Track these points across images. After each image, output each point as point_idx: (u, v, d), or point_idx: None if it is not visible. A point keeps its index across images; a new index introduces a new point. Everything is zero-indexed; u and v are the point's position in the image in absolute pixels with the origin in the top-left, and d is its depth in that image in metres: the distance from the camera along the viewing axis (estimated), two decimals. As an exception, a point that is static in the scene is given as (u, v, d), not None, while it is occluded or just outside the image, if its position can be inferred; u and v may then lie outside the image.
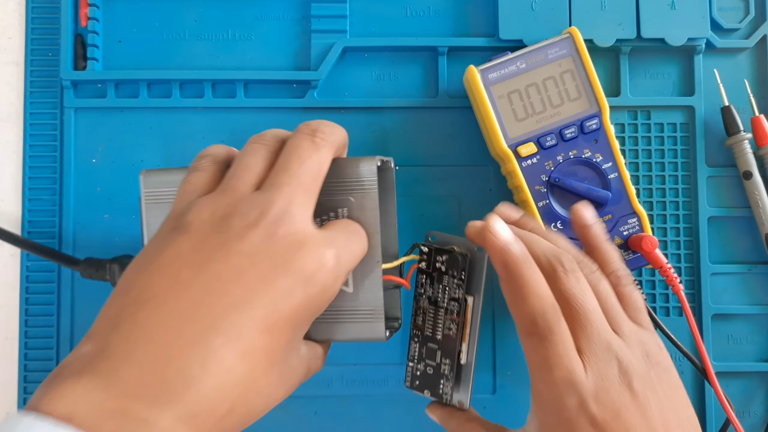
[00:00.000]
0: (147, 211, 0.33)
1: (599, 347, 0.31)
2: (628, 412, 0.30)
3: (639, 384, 0.31)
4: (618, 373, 0.31)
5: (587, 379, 0.30)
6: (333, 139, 0.30)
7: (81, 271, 0.40)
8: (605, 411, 0.30)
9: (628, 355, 0.31)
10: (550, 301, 0.31)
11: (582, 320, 0.31)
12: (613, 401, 0.30)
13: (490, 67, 0.39)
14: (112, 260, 0.40)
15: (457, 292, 0.35)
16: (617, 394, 0.30)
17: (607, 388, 0.30)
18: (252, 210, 0.27)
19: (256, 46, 0.43)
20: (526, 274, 0.31)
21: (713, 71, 0.43)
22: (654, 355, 0.32)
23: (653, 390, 0.31)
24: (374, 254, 0.31)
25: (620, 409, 0.30)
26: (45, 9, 0.43)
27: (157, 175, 0.33)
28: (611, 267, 0.34)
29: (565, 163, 0.39)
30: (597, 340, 0.31)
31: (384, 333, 0.32)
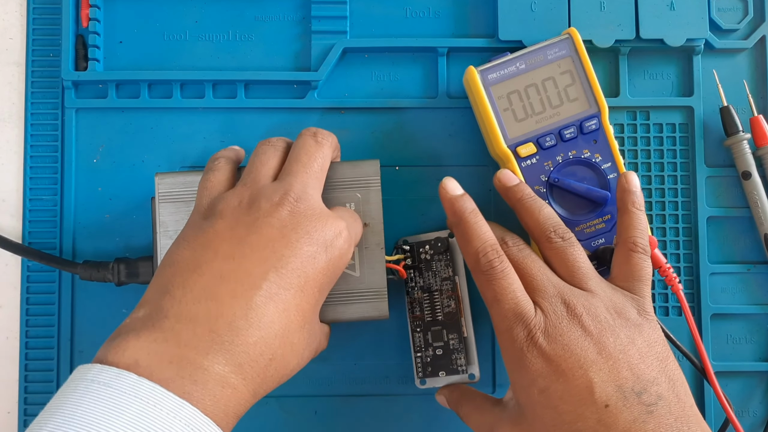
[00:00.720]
0: (160, 208, 0.37)
1: (547, 293, 0.33)
2: (579, 346, 0.32)
3: (592, 323, 0.32)
4: (567, 313, 0.33)
5: (538, 317, 0.33)
6: (331, 140, 0.36)
7: (80, 273, 0.40)
8: (555, 343, 0.32)
9: (581, 300, 0.33)
10: (491, 242, 0.35)
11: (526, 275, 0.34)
12: (562, 335, 0.32)
13: (489, 67, 0.39)
14: (114, 261, 0.40)
15: (447, 272, 0.40)
16: (567, 330, 0.32)
17: (556, 324, 0.32)
18: (275, 193, 0.32)
19: (257, 46, 0.43)
20: (470, 220, 0.35)
21: (712, 72, 0.43)
22: (621, 311, 0.33)
23: (613, 334, 0.32)
24: (378, 241, 0.37)
25: (570, 343, 0.32)
26: (46, 9, 0.43)
27: (171, 176, 0.37)
28: (631, 237, 0.36)
29: (564, 164, 0.39)
30: (543, 287, 0.34)
31: (387, 311, 0.36)
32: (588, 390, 0.31)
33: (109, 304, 0.42)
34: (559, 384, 0.31)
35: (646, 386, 0.31)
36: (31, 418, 0.41)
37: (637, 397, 0.31)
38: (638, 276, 0.35)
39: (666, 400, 0.31)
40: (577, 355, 0.31)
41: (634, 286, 0.35)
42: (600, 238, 0.39)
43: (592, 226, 0.39)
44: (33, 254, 0.40)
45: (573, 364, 0.31)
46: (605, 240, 0.39)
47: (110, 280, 0.40)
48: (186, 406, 0.26)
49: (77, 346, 0.42)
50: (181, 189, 0.37)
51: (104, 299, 0.42)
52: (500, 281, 0.33)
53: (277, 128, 0.43)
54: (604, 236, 0.39)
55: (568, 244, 0.35)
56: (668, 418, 0.31)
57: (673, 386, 0.32)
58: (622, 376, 0.31)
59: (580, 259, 0.35)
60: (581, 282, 0.34)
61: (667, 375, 0.32)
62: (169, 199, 0.37)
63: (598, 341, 0.32)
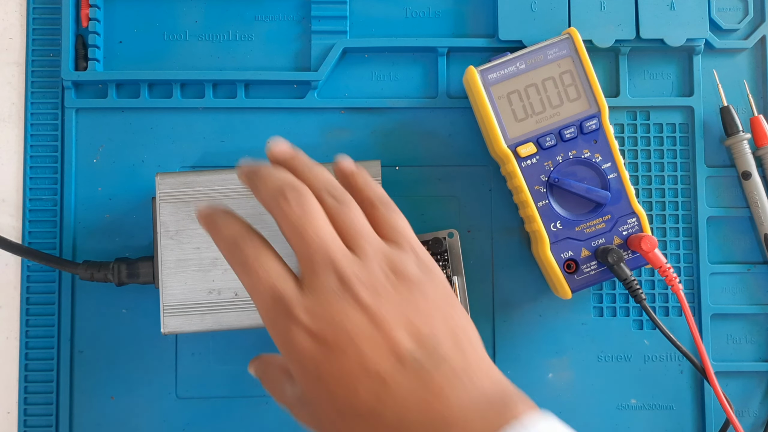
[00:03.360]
0: (161, 208, 0.37)
1: (318, 264, 0.30)
2: (349, 319, 0.29)
3: (366, 294, 0.30)
4: (337, 284, 0.30)
5: (300, 295, 0.30)
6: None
7: (81, 274, 0.40)
8: (321, 321, 0.29)
9: (355, 268, 0.30)
10: (239, 229, 0.32)
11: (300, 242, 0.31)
12: (329, 311, 0.29)
13: (489, 67, 0.39)
14: (114, 261, 0.40)
15: (446, 272, 0.40)
16: (336, 304, 0.29)
17: (323, 300, 0.30)
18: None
19: (257, 46, 0.43)
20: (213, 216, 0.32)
21: (712, 72, 0.43)
22: (401, 271, 0.31)
23: (390, 300, 0.30)
24: None
25: (340, 318, 0.29)
26: (46, 9, 0.43)
27: (172, 176, 0.37)
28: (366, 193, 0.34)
29: (564, 164, 0.39)
30: (315, 255, 0.30)
31: None
32: (362, 366, 0.29)
33: (109, 304, 0.42)
34: (331, 365, 0.29)
35: (425, 348, 0.30)
36: (30, 419, 0.41)
37: (416, 362, 0.29)
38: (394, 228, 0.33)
39: (447, 359, 0.30)
40: (348, 330, 0.29)
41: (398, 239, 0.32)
42: (600, 238, 0.39)
43: (592, 226, 0.39)
44: (33, 255, 0.40)
45: (344, 339, 0.29)
46: (605, 240, 0.39)
47: (111, 280, 0.40)
48: None
49: (77, 347, 0.42)
50: (182, 189, 0.37)
51: (104, 299, 0.42)
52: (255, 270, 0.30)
53: (277, 128, 0.43)
54: (604, 236, 0.39)
55: (342, 204, 0.32)
56: (449, 377, 0.29)
57: (457, 342, 0.30)
58: (399, 342, 0.29)
59: (356, 219, 0.32)
60: (356, 244, 0.31)
61: (450, 331, 0.31)
62: (170, 200, 0.37)
63: (371, 309, 0.29)
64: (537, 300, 0.42)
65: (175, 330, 0.37)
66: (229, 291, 0.37)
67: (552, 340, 0.42)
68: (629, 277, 0.38)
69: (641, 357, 0.42)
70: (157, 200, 0.37)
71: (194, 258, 0.37)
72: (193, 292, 0.37)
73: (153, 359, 0.41)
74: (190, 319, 0.37)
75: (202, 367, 0.42)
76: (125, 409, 0.41)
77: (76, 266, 0.40)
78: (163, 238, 0.37)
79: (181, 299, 0.37)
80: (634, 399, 0.42)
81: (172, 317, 0.37)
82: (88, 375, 0.41)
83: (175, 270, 0.37)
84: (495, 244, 0.43)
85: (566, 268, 0.39)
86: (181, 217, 0.37)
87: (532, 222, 0.39)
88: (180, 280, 0.37)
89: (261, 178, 0.33)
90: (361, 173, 0.35)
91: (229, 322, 0.37)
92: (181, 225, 0.37)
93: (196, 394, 0.42)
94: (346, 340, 0.29)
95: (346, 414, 0.30)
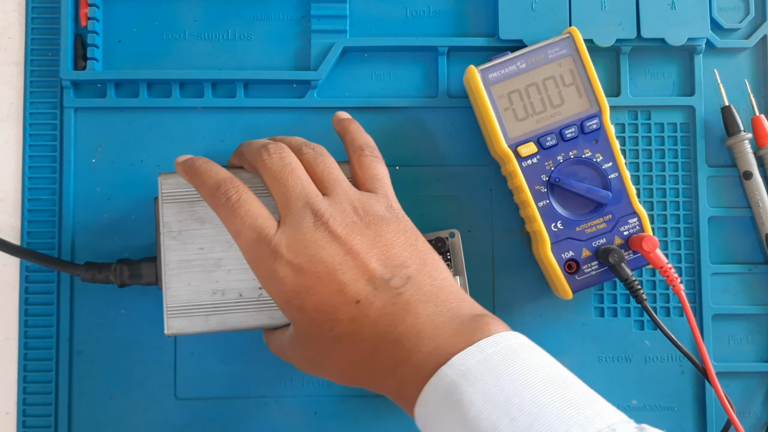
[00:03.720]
0: (164, 209, 0.37)
1: (296, 206, 0.33)
2: (326, 252, 0.32)
3: (338, 227, 0.33)
4: (313, 222, 0.33)
5: (280, 233, 0.33)
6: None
7: (82, 275, 0.40)
8: (301, 255, 0.32)
9: (328, 207, 0.33)
10: (224, 175, 0.34)
11: (281, 188, 0.34)
12: (307, 246, 0.32)
13: (490, 67, 0.39)
14: (116, 263, 0.40)
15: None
16: (312, 240, 0.32)
17: (301, 237, 0.32)
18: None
19: (256, 45, 0.43)
20: (196, 164, 0.35)
21: (713, 71, 0.43)
22: (368, 209, 0.34)
23: (359, 232, 0.33)
24: None
25: (317, 251, 0.32)
26: (45, 9, 0.43)
27: (175, 176, 0.37)
28: (354, 144, 0.37)
29: (565, 163, 0.39)
30: (295, 200, 0.33)
31: None
32: (339, 292, 0.32)
33: (108, 304, 0.41)
34: (311, 294, 0.32)
35: (394, 271, 0.32)
36: (29, 419, 0.41)
37: (386, 283, 0.32)
38: (373, 175, 0.36)
39: (415, 280, 0.32)
40: (325, 261, 0.32)
41: (374, 186, 0.35)
42: (601, 238, 0.39)
43: (593, 226, 0.39)
44: (34, 256, 0.40)
45: (322, 270, 0.32)
46: (606, 240, 0.39)
47: (113, 281, 0.39)
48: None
49: (76, 347, 0.41)
50: (185, 189, 0.37)
51: (103, 300, 0.42)
52: (237, 210, 0.33)
53: (277, 128, 0.43)
54: (605, 236, 0.39)
55: (317, 153, 0.36)
56: (418, 295, 0.32)
57: (424, 265, 0.33)
58: (370, 268, 0.32)
59: (330, 167, 0.35)
60: (330, 189, 0.34)
61: (417, 256, 0.33)
62: (172, 200, 0.37)
63: (345, 241, 0.32)
64: (537, 300, 0.42)
65: (179, 331, 0.36)
66: (233, 292, 0.36)
67: (553, 340, 0.42)
68: (630, 277, 0.38)
69: (642, 357, 0.42)
70: (159, 200, 0.37)
71: (198, 259, 0.36)
72: (197, 293, 0.36)
73: (152, 360, 0.41)
74: (193, 320, 0.36)
75: (201, 367, 0.42)
76: (124, 410, 0.41)
77: (76, 267, 0.40)
78: (166, 239, 0.36)
79: (185, 300, 0.36)
80: (635, 400, 0.42)
81: (176, 318, 0.36)
82: (87, 375, 0.41)
83: (178, 271, 0.36)
84: (495, 244, 0.43)
85: (567, 269, 0.39)
86: (184, 218, 0.37)
87: (533, 222, 0.39)
88: (183, 281, 0.36)
89: (245, 144, 0.37)
90: (356, 122, 0.38)
91: (234, 323, 0.36)
92: (184, 225, 0.36)
93: (195, 395, 0.42)
94: (323, 270, 0.32)
95: (328, 340, 0.32)
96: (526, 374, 0.28)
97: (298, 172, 0.34)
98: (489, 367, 0.28)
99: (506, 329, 0.31)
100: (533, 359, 0.30)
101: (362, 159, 0.36)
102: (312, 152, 0.35)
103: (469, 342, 0.30)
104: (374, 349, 0.31)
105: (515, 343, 0.30)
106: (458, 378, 0.28)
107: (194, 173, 0.35)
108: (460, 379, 0.28)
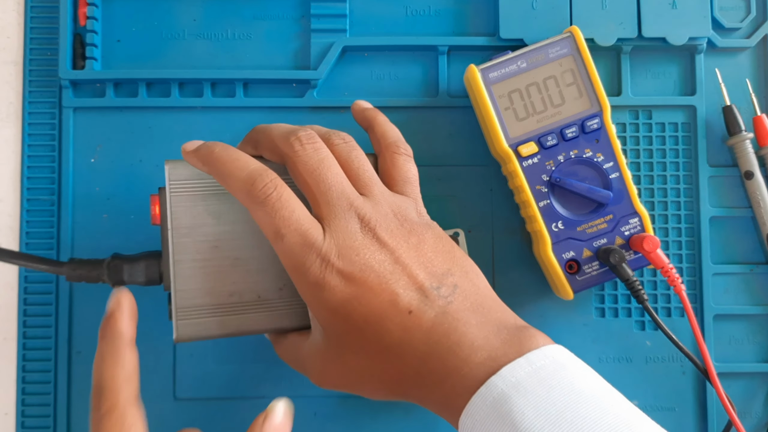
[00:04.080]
0: (173, 202, 0.33)
1: (339, 208, 0.31)
2: (376, 260, 0.31)
3: (385, 235, 0.32)
4: (360, 228, 0.31)
5: (327, 239, 0.31)
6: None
7: (67, 274, 0.35)
8: (352, 263, 0.31)
9: (372, 212, 0.32)
10: (255, 166, 0.32)
11: (320, 186, 0.32)
12: (358, 254, 0.31)
13: (490, 66, 0.39)
14: (110, 259, 0.36)
15: None
16: (362, 247, 0.31)
17: (350, 243, 0.31)
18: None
19: (256, 45, 0.43)
20: (215, 152, 0.32)
21: (715, 71, 0.43)
22: (406, 215, 0.33)
23: (404, 239, 0.32)
24: None
25: (368, 259, 0.31)
26: (44, 8, 0.43)
27: (184, 165, 0.33)
28: (386, 140, 0.35)
29: (566, 163, 0.39)
30: (336, 201, 0.31)
31: None
32: (391, 302, 0.30)
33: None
34: (361, 304, 0.30)
35: (441, 280, 0.31)
36: (28, 420, 0.41)
37: (437, 292, 0.31)
38: (407, 178, 0.35)
39: (461, 288, 0.32)
40: (376, 270, 0.31)
41: (406, 189, 0.34)
42: (602, 238, 0.39)
43: (593, 226, 0.39)
44: (12, 256, 0.35)
45: (373, 279, 0.30)
46: (607, 240, 0.39)
47: (106, 281, 0.36)
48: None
49: (75, 347, 0.41)
50: (197, 180, 0.33)
51: (102, 300, 0.41)
52: (280, 211, 0.31)
53: (277, 127, 0.43)
54: (606, 236, 0.39)
55: (350, 147, 0.34)
56: (465, 304, 0.31)
57: (465, 273, 0.33)
58: (420, 278, 0.31)
59: (364, 162, 0.34)
60: (367, 189, 0.33)
61: (458, 264, 0.33)
62: (182, 191, 0.33)
63: (393, 249, 0.31)
64: (538, 301, 0.42)
65: (190, 337, 0.33)
66: (251, 293, 0.33)
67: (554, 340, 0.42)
68: (631, 277, 0.38)
69: (643, 358, 0.42)
70: (167, 192, 0.33)
71: (213, 258, 0.33)
72: (211, 294, 0.33)
73: (151, 360, 0.41)
74: (207, 323, 0.33)
75: (200, 368, 0.41)
76: (123, 411, 0.41)
77: (60, 266, 0.35)
78: (176, 236, 0.33)
79: (198, 303, 0.33)
80: (636, 400, 0.42)
81: (187, 322, 0.33)
82: (86, 376, 0.41)
83: (190, 271, 0.33)
84: (496, 244, 0.42)
85: (568, 269, 0.39)
86: (196, 212, 0.33)
87: (534, 222, 0.39)
88: (196, 282, 0.33)
89: (262, 130, 0.34)
90: (381, 113, 0.37)
91: (251, 326, 0.33)
92: (196, 220, 0.33)
93: (194, 396, 0.41)
94: (375, 279, 0.31)
95: (374, 351, 0.31)
96: (576, 389, 0.28)
97: (336, 169, 0.32)
98: (539, 380, 0.28)
99: (551, 342, 0.31)
100: (582, 374, 0.29)
101: (396, 158, 0.35)
102: (344, 144, 0.34)
103: (519, 353, 0.29)
104: (427, 358, 0.30)
105: (563, 358, 0.30)
106: (509, 389, 0.28)
107: (217, 164, 0.32)
108: (511, 390, 0.28)
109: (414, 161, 0.36)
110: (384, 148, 0.35)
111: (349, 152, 0.33)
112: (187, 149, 0.34)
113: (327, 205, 0.31)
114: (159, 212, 0.34)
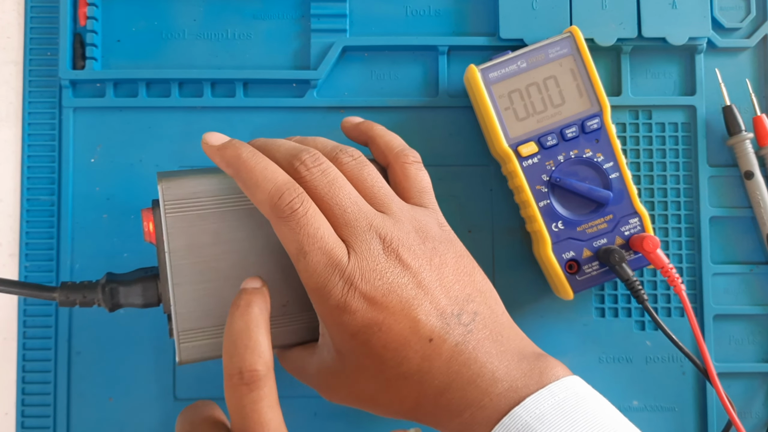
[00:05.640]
0: (170, 224, 0.31)
1: (359, 228, 0.30)
2: (399, 284, 0.30)
3: (408, 256, 0.30)
4: (383, 250, 0.30)
5: (354, 261, 0.29)
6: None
7: (59, 300, 0.34)
8: (376, 288, 0.29)
9: (394, 231, 0.30)
10: (283, 179, 0.30)
11: (335, 208, 0.30)
12: (381, 277, 0.29)
13: (490, 66, 0.39)
14: (105, 281, 0.34)
15: None
16: (386, 270, 0.30)
17: (374, 266, 0.29)
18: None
19: (256, 45, 0.43)
20: (250, 162, 0.30)
21: (714, 71, 0.43)
22: (427, 230, 0.32)
23: (427, 260, 0.31)
24: None
25: (391, 284, 0.29)
26: (44, 8, 0.43)
27: (179, 184, 0.31)
28: (392, 151, 0.34)
29: (566, 163, 0.39)
30: (355, 222, 0.30)
31: None
32: (412, 329, 0.29)
33: (107, 304, 0.41)
34: (383, 332, 0.29)
35: (462, 306, 0.30)
36: (28, 420, 0.41)
37: (457, 319, 0.30)
38: (422, 188, 0.33)
39: (481, 315, 0.31)
40: (399, 294, 0.29)
41: (423, 200, 0.33)
42: (602, 238, 0.39)
43: (593, 226, 0.39)
44: (2, 283, 0.34)
45: (396, 304, 0.29)
46: (607, 240, 0.39)
47: (102, 305, 0.35)
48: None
49: (75, 347, 0.41)
50: (194, 199, 0.32)
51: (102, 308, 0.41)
52: (305, 228, 0.29)
53: (277, 127, 0.43)
54: (606, 236, 0.39)
55: (361, 164, 0.32)
56: (485, 332, 0.30)
57: (485, 299, 0.32)
58: (442, 304, 0.30)
59: (377, 179, 0.32)
60: (385, 206, 0.31)
61: (477, 288, 0.32)
62: (178, 210, 0.31)
63: (416, 273, 0.30)
64: (538, 301, 0.42)
65: (194, 358, 0.32)
66: None
67: (553, 341, 0.42)
68: (631, 277, 0.38)
69: (643, 358, 0.42)
70: (161, 211, 0.31)
71: (214, 279, 0.32)
72: (214, 316, 0.32)
73: (151, 360, 0.41)
74: (211, 344, 0.32)
75: (200, 368, 0.41)
76: (123, 411, 0.41)
77: (52, 291, 0.34)
78: (174, 258, 0.31)
79: (201, 324, 0.32)
80: (635, 400, 0.42)
81: (190, 344, 0.32)
82: (85, 376, 0.41)
83: (191, 294, 0.31)
84: (496, 244, 0.42)
85: (568, 269, 0.39)
86: (194, 232, 0.31)
87: (534, 222, 0.39)
88: (198, 305, 0.32)
89: (262, 146, 0.32)
90: (377, 123, 0.35)
91: None
92: (194, 239, 0.31)
93: (194, 396, 0.41)
94: (397, 304, 0.29)
95: (391, 378, 0.30)
96: (599, 423, 0.28)
97: (348, 188, 0.31)
98: (563, 413, 0.28)
99: (569, 372, 0.31)
100: (601, 408, 0.29)
101: (407, 168, 0.33)
102: (354, 162, 0.32)
103: (540, 384, 0.29)
104: (446, 388, 0.29)
105: (583, 390, 0.30)
106: (533, 421, 0.28)
107: (243, 170, 0.30)
108: (535, 422, 0.28)
109: (425, 170, 0.34)
110: (393, 159, 0.34)
111: (361, 170, 0.32)
112: (209, 142, 0.32)
113: (346, 226, 0.30)
114: (152, 229, 0.32)
